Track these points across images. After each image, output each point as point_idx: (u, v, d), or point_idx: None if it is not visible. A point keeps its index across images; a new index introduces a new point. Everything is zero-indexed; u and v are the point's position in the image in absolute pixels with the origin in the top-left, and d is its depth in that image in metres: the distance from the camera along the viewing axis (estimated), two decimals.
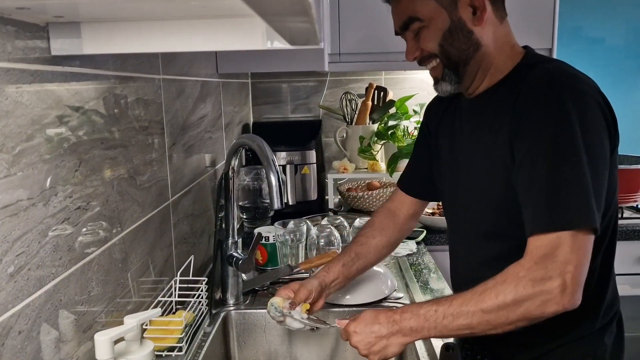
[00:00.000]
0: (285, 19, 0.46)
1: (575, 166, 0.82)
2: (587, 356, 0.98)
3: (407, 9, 0.97)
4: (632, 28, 2.45)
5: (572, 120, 0.83)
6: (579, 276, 0.80)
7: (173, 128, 1.27)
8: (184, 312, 1.06)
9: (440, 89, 1.02)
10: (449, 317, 0.84)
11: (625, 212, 2.04)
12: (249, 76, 2.41)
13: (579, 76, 0.90)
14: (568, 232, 0.81)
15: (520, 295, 0.80)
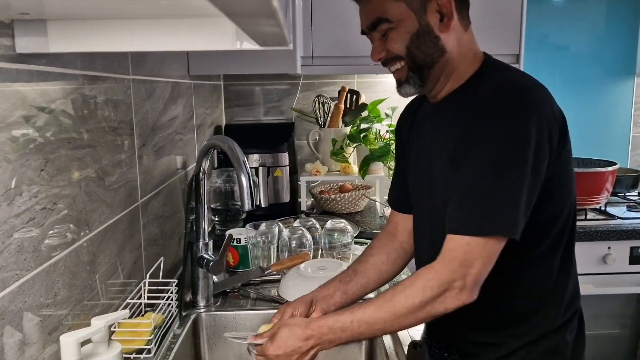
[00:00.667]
0: (252, 21, 0.47)
1: (508, 179, 0.86)
2: (550, 352, 1.01)
3: (377, 9, 0.98)
4: (595, 36, 2.53)
5: (513, 134, 0.87)
6: (479, 277, 0.88)
7: (143, 129, 1.26)
8: (152, 314, 1.05)
9: (403, 92, 1.05)
10: (364, 325, 0.90)
11: (588, 213, 2.10)
12: (221, 78, 2.40)
13: (526, 89, 0.91)
14: (480, 238, 0.87)
15: (426, 297, 0.88)
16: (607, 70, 2.55)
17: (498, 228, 0.87)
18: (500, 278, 0.95)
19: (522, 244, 0.91)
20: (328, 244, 1.65)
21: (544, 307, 1.00)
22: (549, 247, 0.99)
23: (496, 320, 1.03)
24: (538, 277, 1.00)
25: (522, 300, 1.01)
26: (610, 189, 2.08)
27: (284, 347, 0.92)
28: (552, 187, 0.93)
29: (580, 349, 1.06)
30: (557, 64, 2.56)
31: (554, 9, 2.51)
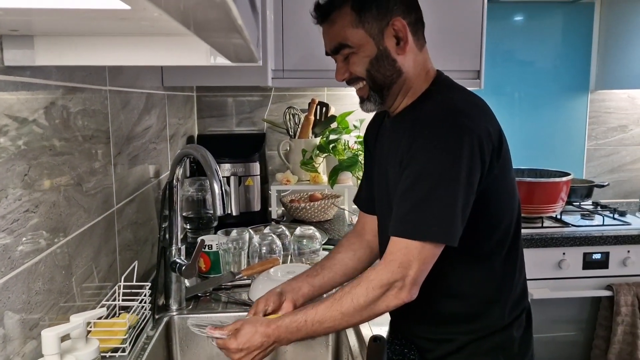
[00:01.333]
0: (221, 39, 0.53)
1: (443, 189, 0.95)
2: (497, 347, 1.10)
3: (339, 35, 1.07)
4: (558, 53, 2.67)
5: (447, 149, 0.96)
6: (417, 278, 0.97)
7: (118, 138, 1.30)
8: (127, 315, 1.10)
9: (365, 108, 1.14)
10: (317, 324, 0.99)
11: (545, 221, 2.22)
12: (194, 89, 2.46)
13: (461, 110, 1.01)
14: (418, 242, 0.96)
15: (370, 298, 0.97)
16: (563, 86, 2.70)
17: (434, 234, 0.96)
18: (446, 281, 1.07)
19: (464, 249, 1.01)
20: (297, 250, 1.71)
21: (489, 308, 1.09)
22: (491, 253, 1.07)
23: (446, 318, 1.11)
24: (482, 281, 1.08)
25: (468, 301, 1.09)
26: (565, 198, 2.20)
27: (247, 344, 1.00)
28: (489, 197, 1.02)
29: (527, 344, 1.14)
30: (518, 80, 2.68)
31: (515, 27, 2.64)
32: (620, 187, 2.75)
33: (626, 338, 2.05)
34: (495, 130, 1.03)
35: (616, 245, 2.09)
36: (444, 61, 2.18)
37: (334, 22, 1.07)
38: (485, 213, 1.03)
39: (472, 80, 2.20)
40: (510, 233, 1.09)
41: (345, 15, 1.05)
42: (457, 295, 1.10)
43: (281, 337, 1.00)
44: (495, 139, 1.01)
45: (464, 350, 1.09)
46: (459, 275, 1.08)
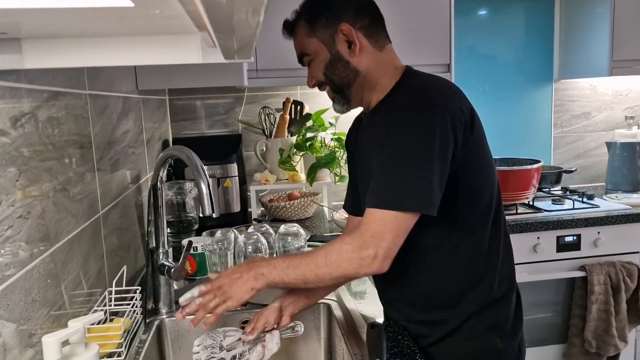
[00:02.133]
0: (230, 36, 0.54)
1: (418, 162, 1.00)
2: (492, 328, 1.13)
3: (300, 45, 1.19)
4: (516, 46, 2.75)
5: (421, 125, 1.02)
6: (389, 250, 1.00)
7: (100, 143, 1.29)
8: (122, 319, 1.09)
9: (335, 108, 1.24)
10: (291, 268, 1.05)
11: (519, 208, 2.29)
12: (166, 93, 2.44)
13: (432, 90, 1.07)
14: (393, 213, 0.99)
15: (342, 257, 1.01)
16: (528, 77, 2.78)
17: (409, 204, 1.00)
18: (435, 259, 1.12)
19: (451, 223, 1.08)
20: (282, 248, 1.72)
21: (478, 282, 1.13)
22: (476, 226, 1.12)
23: (437, 298, 1.15)
24: (469, 255, 1.13)
25: (457, 278, 1.13)
26: (536, 185, 2.28)
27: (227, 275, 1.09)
28: (468, 170, 1.08)
29: (518, 324, 1.18)
30: (484, 73, 2.75)
31: (479, 21, 2.71)
32: (587, 172, 2.86)
33: (600, 315, 2.13)
34: (467, 108, 1.09)
35: (587, 227, 2.17)
36: (415, 56, 2.24)
37: (296, 35, 1.20)
38: (467, 186, 1.09)
39: (442, 73, 2.25)
40: (493, 206, 1.14)
41: (301, 27, 1.18)
42: (447, 273, 1.13)
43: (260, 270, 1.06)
44: (467, 114, 1.07)
45: (459, 331, 1.12)
46: (448, 251, 1.12)
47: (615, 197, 2.43)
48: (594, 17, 2.52)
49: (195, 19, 0.51)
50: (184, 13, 0.55)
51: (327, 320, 1.40)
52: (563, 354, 2.24)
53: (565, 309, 2.24)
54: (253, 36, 0.57)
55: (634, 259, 2.20)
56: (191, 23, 0.61)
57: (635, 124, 2.75)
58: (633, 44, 2.43)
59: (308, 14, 1.16)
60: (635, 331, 2.26)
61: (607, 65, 2.43)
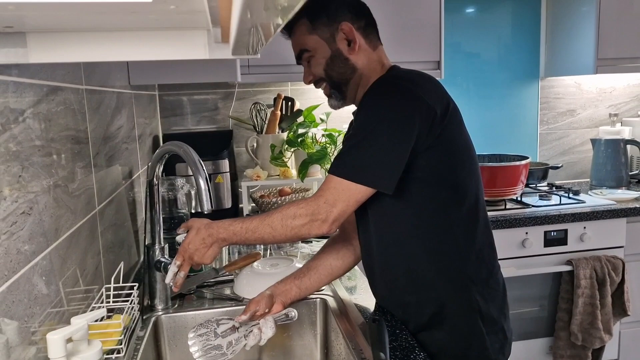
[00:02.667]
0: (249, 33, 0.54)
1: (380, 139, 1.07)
2: (474, 310, 1.17)
3: (300, 42, 1.23)
4: (503, 44, 2.78)
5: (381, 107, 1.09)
6: (339, 216, 1.09)
7: (96, 138, 1.28)
8: (121, 315, 1.09)
9: (331, 104, 1.30)
10: (250, 232, 1.12)
11: (507, 203, 2.32)
12: (156, 89, 2.42)
13: (408, 79, 1.14)
14: (347, 183, 1.07)
15: (295, 222, 1.09)
16: (515, 74, 2.82)
17: (364, 178, 1.07)
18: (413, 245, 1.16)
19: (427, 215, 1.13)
20: (276, 244, 1.73)
21: (452, 266, 1.17)
22: (455, 214, 1.16)
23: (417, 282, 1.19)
24: (448, 242, 1.16)
25: (436, 266, 1.17)
26: (524, 181, 2.31)
27: (192, 243, 1.15)
28: (442, 154, 1.12)
29: (503, 310, 1.22)
30: (470, 71, 2.78)
31: (466, 19, 2.73)
32: (572, 169, 2.91)
33: (586, 309, 2.17)
34: (440, 96, 1.13)
35: (573, 222, 2.21)
36: (405, 53, 2.26)
37: (295, 33, 1.24)
38: (444, 170, 1.13)
39: (432, 70, 2.27)
40: (473, 197, 1.17)
41: (301, 25, 1.22)
42: (424, 253, 1.17)
43: (220, 237, 1.13)
44: (439, 103, 1.11)
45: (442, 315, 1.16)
46: (426, 235, 1.16)
47: (600, 193, 2.48)
48: (580, 16, 2.56)
49: (214, 14, 0.51)
50: (202, 8, 0.56)
51: (323, 315, 1.41)
52: (550, 347, 2.28)
53: (552, 303, 2.28)
54: (270, 33, 0.57)
55: (618, 253, 2.25)
56: (205, 18, 0.61)
57: (619, 121, 2.81)
58: (618, 42, 2.47)
59: (310, 13, 1.20)
60: (619, 324, 2.31)
61: (592, 63, 2.48)
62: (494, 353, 1.17)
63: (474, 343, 1.16)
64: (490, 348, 1.16)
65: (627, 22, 2.47)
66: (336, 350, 1.32)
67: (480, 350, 1.16)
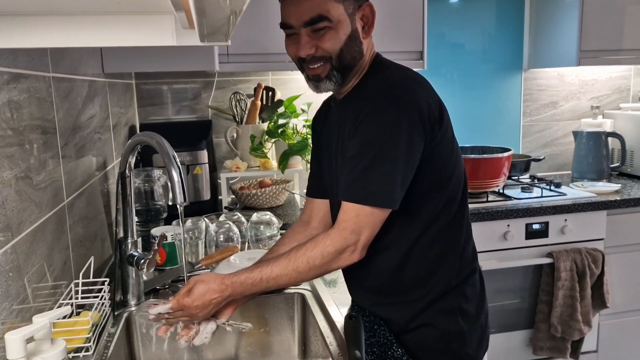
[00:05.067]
0: (211, 17, 0.51)
1: (386, 156, 1.02)
2: (455, 309, 1.15)
3: (319, 6, 1.04)
4: (487, 35, 2.77)
5: (388, 119, 1.02)
6: (367, 242, 1.05)
7: (64, 128, 1.23)
8: (90, 312, 1.05)
9: (322, 87, 1.13)
10: (272, 281, 1.06)
11: (489, 195, 2.31)
12: (132, 77, 2.36)
13: (400, 84, 1.07)
14: (368, 208, 1.03)
15: (325, 259, 1.04)
16: (498, 66, 2.80)
17: (381, 200, 1.03)
18: (400, 246, 1.13)
19: (412, 215, 1.09)
20: (254, 237, 1.69)
21: (438, 269, 1.14)
22: (438, 217, 1.13)
23: (400, 285, 1.16)
24: (430, 244, 1.14)
25: (420, 264, 1.14)
26: (506, 173, 2.30)
27: (201, 300, 1.04)
28: (432, 163, 1.09)
29: (481, 304, 1.20)
30: (454, 61, 2.76)
31: (450, 9, 2.71)
32: (554, 161, 2.91)
33: (566, 301, 2.18)
34: (435, 101, 1.09)
35: (554, 214, 2.21)
36: (388, 43, 2.22)
37: None
38: (433, 177, 1.10)
39: (415, 61, 2.24)
40: (458, 196, 1.15)
41: None
42: (409, 259, 1.14)
43: (236, 292, 1.06)
44: (435, 108, 1.07)
45: (422, 317, 1.14)
46: (412, 238, 1.13)
47: (581, 185, 2.48)
48: (563, 8, 2.54)
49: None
50: None
51: (301, 310, 1.39)
52: (529, 339, 2.29)
53: (532, 295, 2.28)
54: (239, 13, 0.53)
55: (598, 245, 2.26)
56: (166, 2, 0.57)
57: (600, 113, 2.82)
58: (600, 34, 2.47)
59: None
60: (599, 316, 2.32)
61: (575, 55, 2.47)
62: (472, 349, 1.16)
63: (454, 340, 1.15)
64: (469, 345, 1.15)
65: (610, 15, 2.47)
66: (314, 346, 1.29)
67: (459, 346, 1.15)
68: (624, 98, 2.94)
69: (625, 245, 2.33)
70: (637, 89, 2.95)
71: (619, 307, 2.36)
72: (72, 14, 0.71)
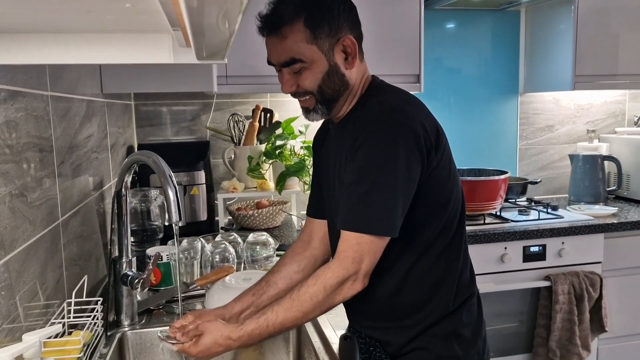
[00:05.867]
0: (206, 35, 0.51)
1: (383, 183, 1.01)
2: (451, 334, 1.13)
3: (291, 50, 1.07)
4: (483, 60, 2.80)
5: (385, 145, 1.02)
6: (369, 270, 1.04)
7: (61, 146, 1.23)
8: (81, 332, 1.03)
9: (311, 118, 1.17)
10: (279, 326, 1.04)
11: (486, 218, 2.31)
12: (131, 98, 2.37)
13: (396, 109, 1.06)
14: (367, 237, 1.02)
15: (327, 293, 1.03)
16: (494, 90, 2.83)
17: (381, 228, 1.02)
18: (395, 271, 1.11)
19: (411, 237, 1.07)
20: (250, 257, 1.68)
21: (436, 293, 1.12)
22: (435, 242, 1.11)
23: (396, 310, 1.14)
24: (428, 267, 1.12)
25: (416, 289, 1.12)
26: (503, 196, 2.30)
27: (207, 352, 1.04)
28: (429, 187, 1.07)
29: (478, 330, 1.18)
30: (451, 85, 2.79)
31: (447, 34, 2.74)
32: (550, 184, 2.92)
33: (564, 325, 2.16)
34: (432, 125, 1.08)
35: (552, 237, 2.20)
36: (385, 66, 2.25)
37: (285, 37, 1.07)
38: (430, 202, 1.09)
39: (412, 84, 2.26)
40: (455, 220, 1.14)
41: (298, 32, 1.06)
42: (406, 284, 1.12)
43: (243, 342, 1.05)
44: (432, 132, 1.07)
45: (418, 340, 1.12)
46: (408, 263, 1.11)
47: (578, 209, 2.48)
48: (558, 33, 2.58)
49: (170, 15, 0.48)
50: (157, 8, 0.52)
51: (297, 330, 1.37)
52: None
53: (530, 319, 2.26)
54: (232, 33, 0.54)
55: (596, 269, 2.25)
56: (164, 20, 0.58)
57: (596, 137, 2.83)
58: (595, 59, 2.50)
59: (310, 19, 1.06)
60: (597, 340, 2.30)
61: (570, 80, 2.50)
62: None
63: None
64: None
65: (604, 40, 2.50)
66: None
67: None
68: (619, 122, 2.96)
69: (623, 268, 2.32)
70: (632, 114, 2.98)
71: (617, 332, 2.34)
72: (71, 31, 0.72)
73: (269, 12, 1.09)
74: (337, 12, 1.08)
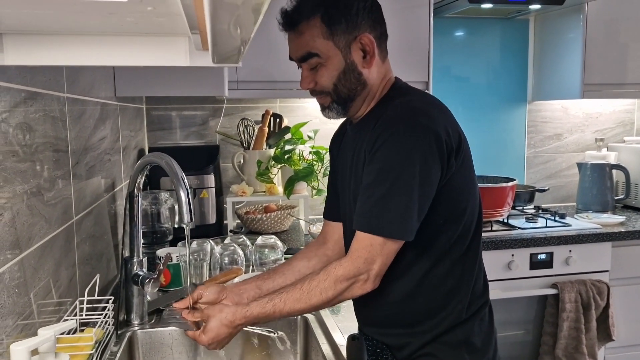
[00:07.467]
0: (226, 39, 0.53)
1: (401, 186, 1.01)
2: (461, 343, 1.12)
3: (307, 44, 1.08)
4: (491, 69, 2.81)
5: (405, 148, 1.01)
6: (380, 271, 1.05)
7: (76, 147, 1.26)
8: (93, 329, 1.05)
9: (327, 115, 1.17)
10: (284, 314, 1.07)
11: (494, 225, 2.31)
12: (143, 102, 2.40)
13: (419, 111, 1.05)
14: (381, 239, 1.02)
15: (338, 290, 1.04)
16: (503, 97, 2.84)
17: (395, 231, 1.02)
18: (408, 280, 1.11)
19: (426, 244, 1.07)
20: (259, 260, 1.70)
21: (449, 301, 1.11)
22: (452, 249, 1.10)
23: (409, 316, 1.13)
24: (443, 275, 1.11)
25: (429, 296, 1.11)
26: (511, 203, 2.31)
27: (215, 337, 1.08)
28: (448, 193, 1.06)
29: (489, 339, 1.16)
30: (459, 94, 2.80)
31: (456, 43, 2.76)
32: (558, 192, 2.92)
33: (571, 333, 2.16)
34: (454, 129, 1.07)
35: (559, 245, 2.20)
36: (394, 73, 2.25)
37: (302, 33, 1.08)
38: (448, 207, 1.08)
39: (416, 88, 2.27)
40: (471, 230, 1.13)
41: (314, 27, 1.07)
42: (420, 291, 1.11)
43: (248, 323, 1.09)
44: (454, 137, 1.05)
45: (430, 346, 1.11)
46: (423, 270, 1.10)
47: (585, 217, 2.48)
48: (567, 42, 2.59)
49: (190, 18, 0.50)
50: (178, 11, 0.54)
51: (304, 334, 1.39)
52: None
53: (537, 327, 2.26)
54: (249, 37, 0.56)
55: (603, 277, 2.24)
56: (183, 23, 0.60)
57: (604, 146, 2.83)
58: (604, 68, 2.51)
59: (327, 15, 1.06)
60: (604, 349, 2.29)
61: (579, 88, 2.50)
62: None
63: None
64: None
65: (613, 50, 2.51)
66: None
67: None
68: (627, 131, 2.96)
69: (630, 277, 2.31)
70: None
71: (624, 341, 2.33)
72: (90, 33, 0.74)
73: (290, 8, 1.10)
74: (356, 10, 1.08)
